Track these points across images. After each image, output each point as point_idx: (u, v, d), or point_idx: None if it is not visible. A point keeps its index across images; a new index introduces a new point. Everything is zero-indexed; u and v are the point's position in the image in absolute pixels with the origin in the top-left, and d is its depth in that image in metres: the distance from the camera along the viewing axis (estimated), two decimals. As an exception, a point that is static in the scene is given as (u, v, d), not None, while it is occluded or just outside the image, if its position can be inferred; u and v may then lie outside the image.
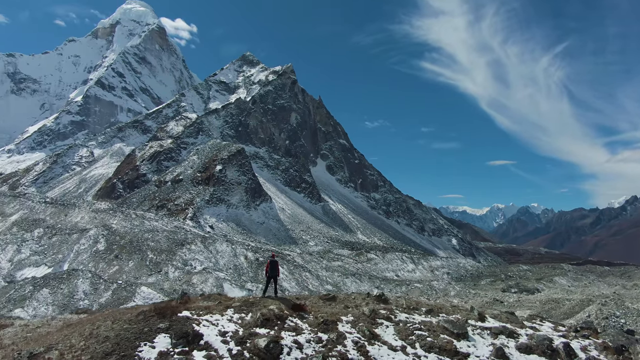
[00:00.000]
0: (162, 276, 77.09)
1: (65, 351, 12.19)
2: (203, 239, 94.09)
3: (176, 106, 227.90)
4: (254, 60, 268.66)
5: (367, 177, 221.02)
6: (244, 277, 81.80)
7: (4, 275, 76.87)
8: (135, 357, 11.79)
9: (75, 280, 61.62)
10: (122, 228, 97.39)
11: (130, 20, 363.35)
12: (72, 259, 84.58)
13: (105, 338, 12.70)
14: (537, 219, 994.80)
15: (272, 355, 12.54)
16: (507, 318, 18.08)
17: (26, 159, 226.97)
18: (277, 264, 19.18)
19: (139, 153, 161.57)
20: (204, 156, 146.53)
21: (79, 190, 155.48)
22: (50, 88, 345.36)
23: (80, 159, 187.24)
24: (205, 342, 12.99)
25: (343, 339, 13.89)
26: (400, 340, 14.28)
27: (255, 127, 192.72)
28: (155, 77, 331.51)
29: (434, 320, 16.06)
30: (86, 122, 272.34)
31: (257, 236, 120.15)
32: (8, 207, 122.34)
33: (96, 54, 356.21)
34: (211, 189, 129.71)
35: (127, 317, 14.47)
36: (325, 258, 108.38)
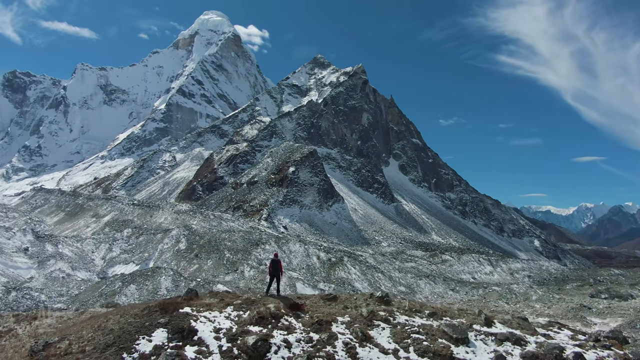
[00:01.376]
0: (238, 275, 79.81)
1: (74, 341, 13.04)
2: (277, 239, 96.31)
3: (251, 110, 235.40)
4: (324, 63, 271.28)
5: (441, 176, 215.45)
6: (317, 277, 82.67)
7: (97, 271, 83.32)
8: (132, 349, 12.47)
9: (159, 278, 65.54)
10: (201, 228, 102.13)
11: (208, 30, 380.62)
12: (157, 257, 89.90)
13: (110, 331, 13.49)
14: (631, 219, 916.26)
15: (259, 353, 12.74)
16: (518, 324, 17.03)
17: (117, 164, 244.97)
18: (279, 263, 19.59)
19: (217, 156, 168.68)
20: (277, 158, 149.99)
21: (163, 192, 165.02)
22: (137, 98, 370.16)
23: (164, 163, 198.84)
24: (199, 337, 13.45)
25: (334, 339, 13.85)
26: (394, 343, 14.01)
27: (327, 128, 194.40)
28: (231, 83, 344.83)
29: (434, 324, 15.54)
30: (169, 128, 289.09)
31: (330, 237, 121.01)
32: (101, 209, 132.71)
33: (177, 63, 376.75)
34: (284, 191, 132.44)
35: (134, 311, 15.20)
36: (398, 259, 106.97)
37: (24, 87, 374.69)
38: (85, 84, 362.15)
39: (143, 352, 12.39)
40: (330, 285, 78.05)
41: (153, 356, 12.35)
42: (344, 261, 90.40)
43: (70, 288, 70.20)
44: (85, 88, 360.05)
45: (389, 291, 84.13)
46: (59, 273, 77.20)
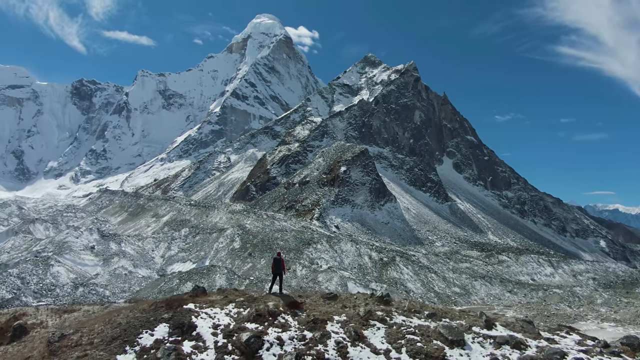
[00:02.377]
0: (291, 274, 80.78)
1: (86, 334, 13.69)
2: (328, 239, 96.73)
3: (302, 111, 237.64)
4: (375, 61, 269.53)
5: (498, 174, 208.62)
6: (368, 277, 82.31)
7: (157, 269, 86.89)
8: (135, 343, 13.04)
9: (214, 276, 67.54)
10: (254, 228, 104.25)
11: (260, 33, 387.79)
12: (213, 255, 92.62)
13: (118, 325, 14.09)
14: None
15: (251, 349, 12.94)
16: (521, 327, 16.30)
17: (175, 166, 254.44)
18: (282, 261, 19.60)
19: (269, 157, 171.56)
20: (328, 158, 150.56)
21: (218, 193, 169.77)
22: (194, 101, 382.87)
23: (219, 164, 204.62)
24: (197, 333, 13.81)
25: (327, 338, 13.85)
26: (387, 344, 13.84)
27: (378, 127, 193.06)
28: (283, 84, 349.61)
29: (432, 325, 15.18)
30: (224, 130, 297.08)
31: (382, 236, 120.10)
32: (161, 209, 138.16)
33: (231, 67, 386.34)
34: (336, 190, 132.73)
35: (143, 306, 15.75)
36: (452, 259, 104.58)
37: (90, 95, 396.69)
38: (145, 90, 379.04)
39: (144, 345, 12.97)
40: (382, 285, 77.49)
41: (153, 350, 12.86)
42: (396, 261, 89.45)
43: (132, 284, 73.69)
44: (145, 94, 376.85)
45: (443, 292, 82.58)
46: (122, 270, 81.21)
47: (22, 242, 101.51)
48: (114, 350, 12.65)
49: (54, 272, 75.32)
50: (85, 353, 12.58)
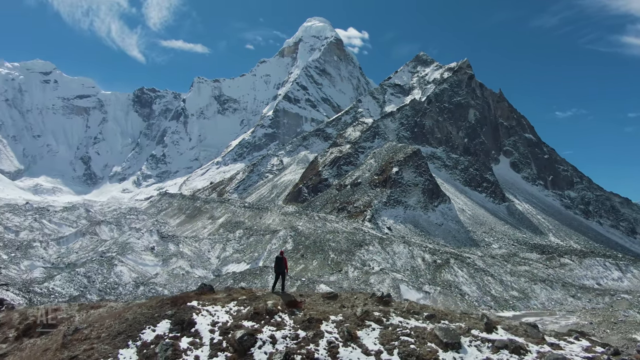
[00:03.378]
0: (343, 275, 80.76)
1: (96, 328, 14.45)
2: (380, 240, 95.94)
3: (354, 112, 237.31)
4: (427, 60, 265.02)
5: (559, 173, 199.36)
6: (421, 279, 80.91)
7: (212, 269, 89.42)
8: (137, 338, 13.62)
9: (266, 277, 68.66)
10: (307, 229, 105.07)
11: (311, 37, 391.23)
12: (266, 257, 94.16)
13: (125, 320, 14.67)
14: None
15: (244, 347, 13.18)
16: (524, 331, 15.45)
17: (230, 169, 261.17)
18: (284, 260, 19.62)
19: (321, 159, 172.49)
20: (380, 159, 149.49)
21: (272, 195, 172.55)
22: (248, 106, 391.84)
23: (272, 167, 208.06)
24: (196, 329, 14.17)
25: (319, 338, 13.85)
26: (379, 345, 13.67)
27: (431, 127, 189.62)
28: (334, 86, 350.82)
29: (428, 327, 14.80)
30: (277, 133, 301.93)
31: (436, 238, 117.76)
32: (217, 211, 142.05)
33: (283, 71, 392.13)
34: (388, 191, 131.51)
35: (151, 303, 16.26)
36: (510, 262, 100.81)
37: (150, 102, 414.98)
38: (201, 96, 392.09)
39: (145, 340, 13.54)
40: (436, 287, 75.92)
41: (152, 345, 13.42)
42: (451, 263, 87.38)
43: (189, 284, 76.19)
44: (201, 99, 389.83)
45: (500, 296, 79.84)
46: (180, 270, 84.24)
47: (88, 243, 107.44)
48: (118, 344, 13.38)
49: (117, 271, 79.24)
50: (92, 346, 13.37)
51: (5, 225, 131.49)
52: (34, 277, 77.30)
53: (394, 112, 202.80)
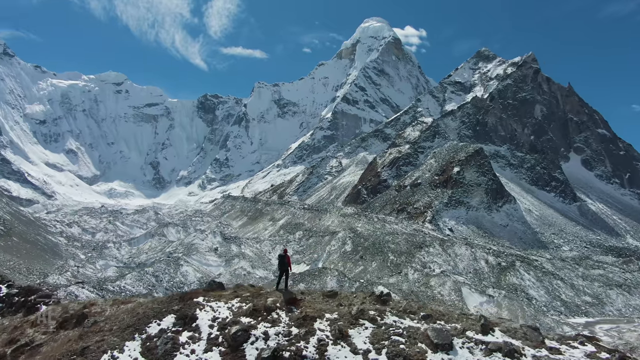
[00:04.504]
0: (402, 277, 79.80)
1: (111, 322, 15.34)
2: (441, 242, 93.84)
3: (413, 112, 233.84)
4: (489, 55, 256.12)
5: (638, 170, 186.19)
6: (485, 282, 78.35)
7: (273, 270, 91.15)
8: (143, 331, 14.35)
9: (325, 277, 69.11)
10: (365, 231, 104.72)
11: (369, 37, 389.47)
12: (325, 258, 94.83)
13: (136, 314, 15.39)
14: None
15: (237, 342, 13.56)
16: (524, 334, 14.67)
17: (290, 172, 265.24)
18: (287, 258, 19.47)
19: (380, 160, 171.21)
20: (441, 159, 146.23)
21: (331, 197, 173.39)
22: (307, 109, 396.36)
23: (331, 169, 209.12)
24: (196, 324, 14.59)
25: (311, 335, 13.87)
26: (369, 344, 13.48)
27: (494, 124, 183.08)
28: (393, 86, 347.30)
29: (422, 327, 14.34)
30: (335, 135, 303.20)
31: (500, 239, 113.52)
32: (277, 213, 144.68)
33: (341, 73, 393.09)
34: (449, 192, 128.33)
35: (162, 299, 16.88)
36: (582, 265, 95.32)
37: (214, 108, 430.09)
38: (261, 100, 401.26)
39: (150, 334, 14.25)
40: (500, 291, 73.23)
41: (155, 338, 14.10)
42: (516, 266, 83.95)
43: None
44: (262, 104, 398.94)
45: (571, 301, 75.85)
46: (242, 271, 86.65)
47: (157, 244, 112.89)
48: (125, 337, 14.22)
49: (183, 271, 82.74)
50: (103, 338, 14.28)
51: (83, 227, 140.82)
52: (108, 276, 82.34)
53: (454, 110, 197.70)
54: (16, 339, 16.02)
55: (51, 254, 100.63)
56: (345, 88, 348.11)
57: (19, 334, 16.55)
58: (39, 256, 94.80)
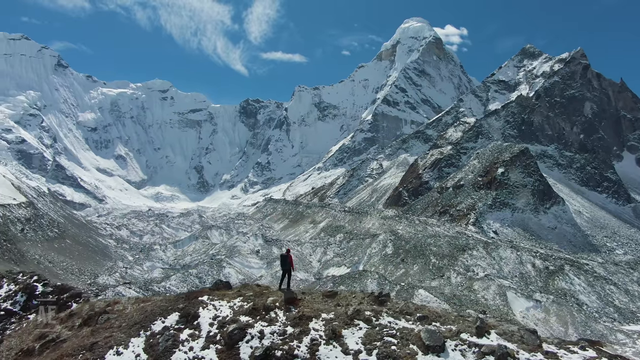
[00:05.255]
0: (445, 281, 78.26)
1: (121, 319, 16.03)
2: (485, 245, 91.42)
3: (455, 112, 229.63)
4: (535, 52, 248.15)
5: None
6: (532, 287, 75.72)
7: (314, 272, 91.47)
8: (148, 328, 14.84)
9: (365, 280, 68.71)
10: (407, 233, 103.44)
11: (409, 38, 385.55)
12: (366, 261, 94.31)
13: (144, 312, 15.95)
14: None
15: (233, 340, 13.94)
16: (520, 337, 14.27)
17: (331, 174, 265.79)
18: (289, 258, 19.72)
19: (421, 162, 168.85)
20: (484, 160, 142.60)
21: (371, 199, 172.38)
22: (347, 111, 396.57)
23: (371, 171, 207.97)
24: (198, 322, 14.94)
25: (304, 335, 14.05)
26: (360, 345, 13.57)
27: (540, 123, 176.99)
28: (434, 87, 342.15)
29: (416, 329, 14.26)
30: (376, 137, 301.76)
31: (548, 242, 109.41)
32: (318, 215, 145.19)
33: (381, 74, 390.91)
34: (493, 193, 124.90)
35: (170, 297, 17.45)
36: (637, 269, 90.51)
37: (255, 112, 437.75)
38: (302, 104, 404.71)
39: (154, 330, 14.77)
40: (548, 296, 70.59)
41: (159, 335, 14.60)
42: (565, 270, 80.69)
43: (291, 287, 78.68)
44: (302, 107, 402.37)
45: (625, 307, 72.36)
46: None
47: (201, 246, 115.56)
48: (131, 333, 14.81)
49: (226, 273, 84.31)
50: (112, 334, 14.98)
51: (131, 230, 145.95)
52: (154, 277, 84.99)
53: (498, 109, 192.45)
54: (45, 335, 17.01)
55: (101, 256, 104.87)
56: (385, 90, 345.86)
57: (49, 330, 17.59)
58: (90, 258, 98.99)
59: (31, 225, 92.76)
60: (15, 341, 18.14)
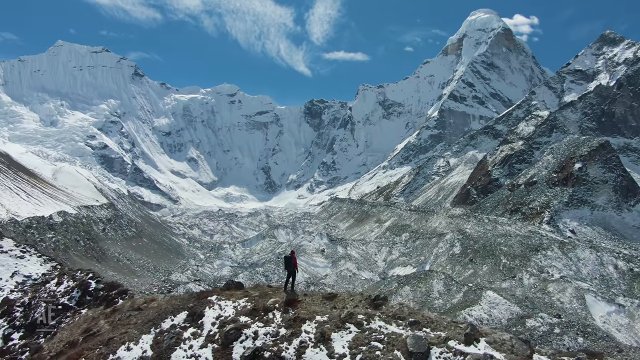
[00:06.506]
0: (516, 282, 74.92)
1: (140, 315, 16.65)
2: (561, 245, 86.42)
3: (526, 106, 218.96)
4: (615, 38, 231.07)
5: None
6: (614, 290, 70.62)
7: (379, 272, 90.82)
8: (158, 325, 15.27)
9: (431, 281, 67.18)
10: (475, 233, 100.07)
11: (476, 30, 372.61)
12: (432, 260, 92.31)
13: (158, 309, 16.41)
14: None
15: (228, 340, 14.23)
16: (511, 347, 13.39)
17: (396, 173, 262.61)
18: (292, 259, 19.55)
19: (490, 158, 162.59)
20: (559, 155, 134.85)
21: (438, 198, 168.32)
22: (412, 108, 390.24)
23: (438, 169, 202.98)
24: (202, 321, 15.22)
25: (295, 337, 14.09)
26: (346, 349, 13.49)
27: (623, 114, 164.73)
28: (504, 80, 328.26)
29: (404, 334, 13.83)
30: (443, 134, 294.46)
31: (633, 243, 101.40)
32: (383, 214, 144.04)
33: (447, 69, 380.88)
34: (570, 190, 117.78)
35: (185, 296, 17.93)
36: None
37: (320, 113, 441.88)
38: (366, 103, 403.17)
39: (162, 328, 15.23)
40: (633, 300, 65.48)
41: (166, 332, 15.06)
42: (653, 272, 74.54)
43: (356, 286, 78.59)
44: (366, 106, 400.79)
45: None
46: (347, 272, 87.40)
47: (268, 245, 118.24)
48: (143, 330, 15.42)
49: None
50: (127, 330, 15.69)
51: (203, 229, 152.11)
52: (223, 275, 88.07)
53: (574, 101, 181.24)
54: (90, 329, 18.24)
55: (175, 254, 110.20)
56: (452, 85, 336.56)
57: (94, 324, 18.83)
58: (165, 256, 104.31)
59: (112, 225, 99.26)
60: (66, 334, 19.74)
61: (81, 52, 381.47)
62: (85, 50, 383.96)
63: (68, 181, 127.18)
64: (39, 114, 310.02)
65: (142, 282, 67.27)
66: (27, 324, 25.12)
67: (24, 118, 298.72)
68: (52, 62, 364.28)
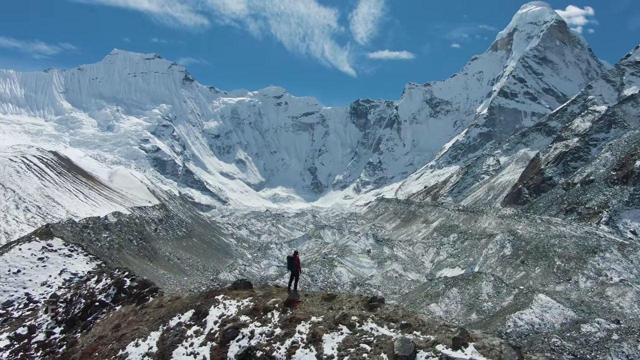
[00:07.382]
0: (572, 285, 71.84)
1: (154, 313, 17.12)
2: (620, 246, 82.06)
3: (582, 101, 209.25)
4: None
5: None
6: (680, 295, 66.27)
7: (426, 273, 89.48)
8: (166, 323, 15.63)
9: (480, 283, 65.49)
10: (527, 233, 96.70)
11: (527, 24, 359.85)
12: (482, 262, 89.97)
13: (169, 307, 16.72)
14: None
15: (225, 338, 14.66)
16: (499, 353, 12.86)
17: (444, 172, 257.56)
18: (295, 260, 19.63)
19: (543, 156, 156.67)
20: (618, 151, 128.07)
21: (488, 197, 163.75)
22: (460, 106, 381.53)
23: (487, 168, 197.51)
24: (205, 320, 15.64)
25: (288, 337, 14.35)
26: (335, 350, 13.70)
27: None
28: (558, 74, 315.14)
29: (394, 337, 13.91)
30: (492, 132, 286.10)
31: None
32: (430, 215, 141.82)
33: (497, 65, 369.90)
34: (631, 189, 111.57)
35: (195, 294, 18.28)
36: None
37: (365, 113, 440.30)
38: (413, 101, 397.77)
39: (169, 326, 15.67)
40: (701, 306, 61.25)
41: (172, 330, 15.47)
42: None
43: (402, 287, 77.74)
44: (413, 105, 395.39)
45: None
46: (393, 273, 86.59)
47: (314, 245, 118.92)
48: (153, 327, 15.84)
49: (337, 272, 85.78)
50: (138, 327, 16.19)
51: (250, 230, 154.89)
52: (269, 274, 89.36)
53: (635, 95, 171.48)
54: (119, 325, 19.15)
55: (223, 254, 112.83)
56: (502, 81, 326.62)
57: (123, 320, 19.75)
58: (214, 255, 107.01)
59: (163, 225, 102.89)
60: (99, 329, 20.95)
61: (135, 59, 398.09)
62: (139, 58, 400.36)
63: (123, 183, 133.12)
64: (96, 119, 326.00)
65: (192, 281, 69.32)
66: (68, 319, 26.76)
67: (83, 124, 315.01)
68: (108, 70, 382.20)
